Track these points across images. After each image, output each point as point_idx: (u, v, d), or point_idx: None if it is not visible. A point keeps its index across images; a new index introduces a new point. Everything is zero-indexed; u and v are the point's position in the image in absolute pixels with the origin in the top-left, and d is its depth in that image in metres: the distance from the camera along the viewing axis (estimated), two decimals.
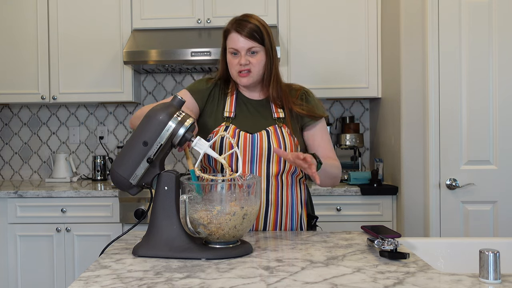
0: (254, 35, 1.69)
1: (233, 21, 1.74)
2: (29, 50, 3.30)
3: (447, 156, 2.74)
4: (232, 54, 1.72)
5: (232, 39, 1.71)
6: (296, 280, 1.15)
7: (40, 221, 2.98)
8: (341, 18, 3.22)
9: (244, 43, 1.69)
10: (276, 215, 1.72)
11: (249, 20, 1.71)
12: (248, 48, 1.69)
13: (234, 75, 1.74)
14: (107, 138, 3.65)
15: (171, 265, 1.27)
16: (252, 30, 1.69)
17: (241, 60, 1.69)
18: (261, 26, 1.71)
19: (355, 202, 2.95)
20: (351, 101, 3.57)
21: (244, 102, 1.78)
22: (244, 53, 1.69)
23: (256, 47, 1.69)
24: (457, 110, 2.74)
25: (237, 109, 1.77)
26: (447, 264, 1.51)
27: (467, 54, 2.73)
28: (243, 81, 1.73)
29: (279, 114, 1.76)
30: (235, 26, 1.70)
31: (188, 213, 1.32)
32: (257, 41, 1.69)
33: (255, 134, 1.70)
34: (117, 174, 1.39)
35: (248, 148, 1.68)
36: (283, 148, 1.69)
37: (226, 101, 1.78)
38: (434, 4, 2.74)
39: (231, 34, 1.71)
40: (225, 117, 1.75)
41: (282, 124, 1.74)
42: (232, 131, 1.70)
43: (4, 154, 3.68)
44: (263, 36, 1.70)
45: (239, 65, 1.70)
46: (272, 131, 1.71)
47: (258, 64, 1.71)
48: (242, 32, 1.68)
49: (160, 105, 1.41)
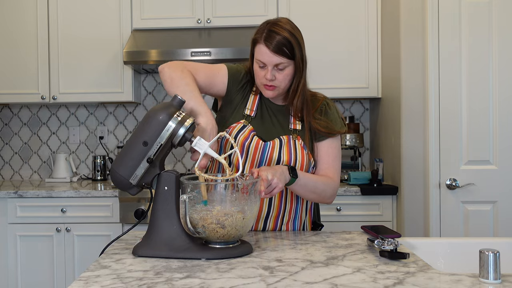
0: (283, 49, 1.57)
1: (262, 29, 1.61)
2: (29, 50, 3.30)
3: (447, 156, 2.74)
4: (259, 66, 1.62)
5: (259, 51, 1.60)
6: (296, 280, 1.15)
7: (40, 221, 2.98)
8: (341, 18, 3.22)
9: (272, 58, 1.58)
10: (277, 220, 1.71)
11: (278, 31, 1.58)
12: (276, 64, 1.59)
13: (259, 85, 1.66)
14: (107, 138, 3.65)
15: (171, 265, 1.27)
16: (281, 44, 1.57)
17: (267, 75, 1.60)
18: (291, 38, 1.58)
19: (355, 202, 2.95)
20: (351, 101, 3.57)
21: (266, 104, 1.73)
22: (271, 68, 1.59)
23: (284, 62, 1.59)
24: (457, 110, 2.74)
25: (258, 109, 1.72)
26: (447, 264, 1.51)
27: (467, 54, 2.73)
28: (268, 94, 1.65)
29: (296, 125, 1.70)
30: (265, 37, 1.58)
31: (188, 213, 1.32)
32: (285, 56, 1.58)
33: (268, 142, 1.66)
34: (117, 174, 1.39)
35: (258, 155, 1.65)
36: (293, 160, 1.65)
37: (249, 99, 1.72)
38: (434, 4, 2.73)
39: (259, 45, 1.60)
40: (246, 114, 1.70)
41: (297, 136, 1.69)
42: (248, 132, 1.66)
43: (4, 154, 3.68)
44: (293, 50, 1.59)
45: (265, 79, 1.61)
46: (285, 140, 1.67)
47: (284, 80, 1.62)
48: (269, 46, 1.57)
49: (160, 105, 1.41)
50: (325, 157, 1.71)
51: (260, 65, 1.62)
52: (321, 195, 1.68)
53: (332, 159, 1.72)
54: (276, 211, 1.70)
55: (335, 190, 1.71)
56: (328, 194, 1.69)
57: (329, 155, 1.71)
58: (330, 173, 1.71)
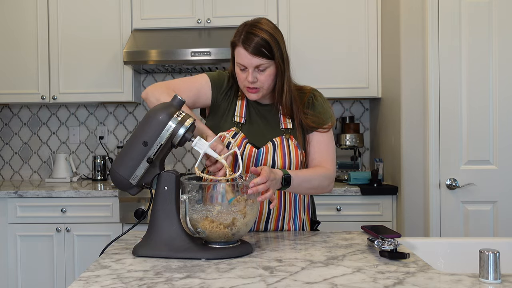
0: (262, 50, 1.56)
1: (240, 32, 1.60)
2: (29, 50, 3.30)
3: (447, 156, 2.74)
4: (240, 69, 1.62)
5: (239, 54, 1.59)
6: (296, 280, 1.15)
7: (40, 221, 2.98)
8: (341, 18, 3.22)
9: (252, 60, 1.57)
10: (278, 220, 1.71)
11: (256, 32, 1.57)
12: (256, 66, 1.58)
13: (243, 88, 1.66)
14: (107, 138, 3.65)
15: (171, 265, 1.27)
16: (259, 45, 1.56)
17: (249, 77, 1.59)
18: (269, 38, 1.56)
19: (355, 202, 2.95)
20: (351, 101, 3.57)
21: (254, 107, 1.72)
22: (252, 70, 1.58)
23: (264, 63, 1.58)
24: (457, 110, 2.74)
25: (247, 115, 1.70)
26: (447, 264, 1.51)
27: (467, 54, 2.73)
28: (252, 96, 1.64)
29: (287, 125, 1.69)
30: (242, 40, 1.57)
31: (188, 213, 1.32)
32: (265, 57, 1.57)
33: (261, 148, 1.64)
34: (117, 174, 1.39)
35: (252, 162, 1.64)
36: (287, 162, 1.64)
37: (237, 105, 1.71)
38: (434, 4, 2.73)
39: (238, 48, 1.59)
40: (236, 122, 1.69)
41: (290, 135, 1.68)
42: (240, 140, 1.65)
43: (4, 154, 3.68)
44: (272, 50, 1.57)
45: (247, 81, 1.61)
46: (279, 143, 1.66)
47: (267, 80, 1.61)
48: (248, 48, 1.56)
49: (160, 105, 1.41)
50: (316, 146, 1.69)
51: (241, 68, 1.61)
52: (318, 189, 1.66)
53: (325, 147, 1.70)
54: (276, 212, 1.70)
55: (331, 179, 1.68)
56: (324, 185, 1.66)
57: (321, 144, 1.69)
58: (324, 162, 1.68)
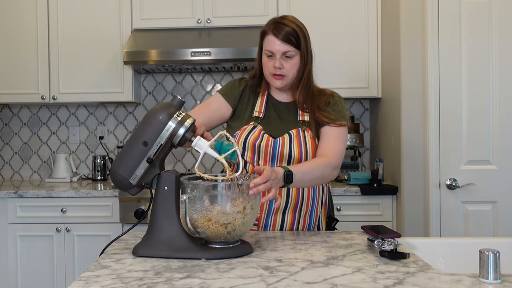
0: (290, 38, 1.69)
1: (271, 22, 1.74)
2: (29, 50, 3.30)
3: (447, 156, 2.74)
4: (268, 56, 1.73)
5: (268, 41, 1.71)
6: (296, 280, 1.15)
7: (40, 221, 2.98)
8: (341, 18, 3.22)
9: (280, 47, 1.69)
10: (294, 213, 1.74)
11: (286, 23, 1.71)
12: (284, 52, 1.70)
13: (268, 76, 1.75)
14: (107, 138, 3.65)
15: (171, 265, 1.27)
16: (289, 34, 1.69)
17: (276, 63, 1.70)
18: (298, 30, 1.70)
19: (355, 202, 2.95)
20: (351, 101, 3.57)
21: (273, 104, 1.81)
22: (279, 56, 1.70)
23: (291, 51, 1.70)
24: (457, 110, 2.74)
25: (266, 110, 1.79)
26: (447, 264, 1.51)
27: (467, 54, 2.73)
28: (277, 83, 1.74)
29: (304, 117, 1.77)
30: (273, 28, 1.71)
31: (188, 213, 1.32)
32: (293, 45, 1.69)
33: (278, 138, 1.72)
34: (117, 174, 1.39)
35: (269, 151, 1.71)
36: (304, 152, 1.70)
37: (256, 101, 1.80)
38: (434, 4, 2.73)
39: (268, 36, 1.72)
40: (254, 116, 1.78)
41: (306, 127, 1.75)
42: (258, 132, 1.73)
43: (4, 154, 3.68)
44: (299, 40, 1.70)
45: (273, 68, 1.71)
46: (295, 134, 1.73)
47: (292, 68, 1.72)
48: (278, 35, 1.68)
49: (160, 105, 1.41)
50: (325, 138, 1.73)
51: (269, 54, 1.72)
52: (322, 178, 1.67)
53: (333, 139, 1.72)
54: (294, 201, 1.73)
55: (333, 166, 1.67)
56: (327, 173, 1.66)
57: (329, 136, 1.73)
58: (327, 151, 1.70)
